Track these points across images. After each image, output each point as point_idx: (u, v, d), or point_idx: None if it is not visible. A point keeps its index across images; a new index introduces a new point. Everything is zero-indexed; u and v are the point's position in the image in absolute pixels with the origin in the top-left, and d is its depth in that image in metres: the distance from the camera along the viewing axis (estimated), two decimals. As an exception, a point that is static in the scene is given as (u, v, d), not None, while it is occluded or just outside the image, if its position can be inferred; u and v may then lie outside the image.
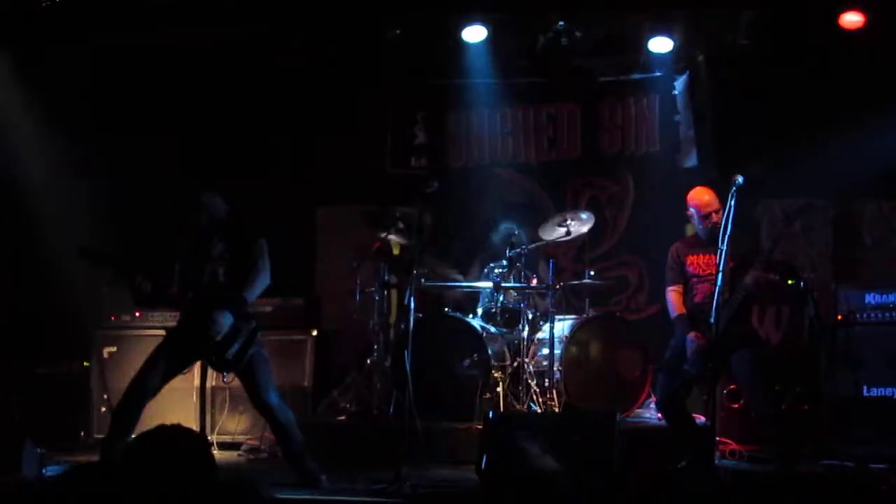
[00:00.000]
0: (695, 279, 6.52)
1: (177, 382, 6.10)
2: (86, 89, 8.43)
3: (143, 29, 8.12)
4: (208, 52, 8.58)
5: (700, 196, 6.54)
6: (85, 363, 8.22)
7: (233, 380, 5.99)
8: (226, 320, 5.73)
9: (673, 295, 6.62)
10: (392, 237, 7.94)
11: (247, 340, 5.79)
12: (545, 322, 7.74)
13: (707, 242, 6.45)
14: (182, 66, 8.58)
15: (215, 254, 5.92)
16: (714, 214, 6.41)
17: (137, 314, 8.17)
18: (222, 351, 5.76)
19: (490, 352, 7.44)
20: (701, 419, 6.98)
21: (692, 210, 6.56)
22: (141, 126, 8.54)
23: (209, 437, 7.95)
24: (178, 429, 3.45)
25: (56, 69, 8.33)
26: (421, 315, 7.47)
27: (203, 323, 5.72)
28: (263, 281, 5.89)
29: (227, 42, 8.50)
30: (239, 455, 7.58)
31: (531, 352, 7.73)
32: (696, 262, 6.54)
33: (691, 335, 6.32)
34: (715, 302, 5.70)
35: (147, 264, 5.87)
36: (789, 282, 6.61)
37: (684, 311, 6.50)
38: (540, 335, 7.80)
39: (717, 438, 6.56)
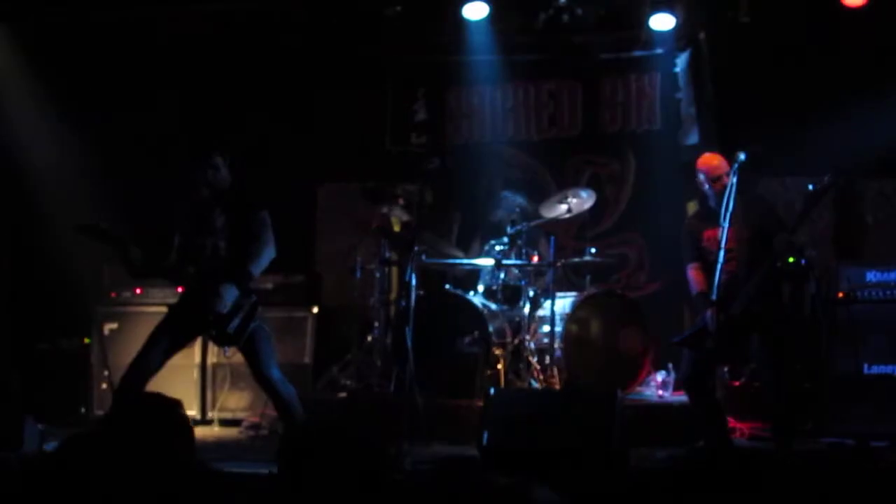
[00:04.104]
0: (714, 257, 6.01)
1: (178, 359, 6.07)
2: (86, 62, 8.40)
3: (144, 2, 8.11)
4: (209, 28, 8.53)
5: (709, 161, 6.30)
6: (86, 340, 8.22)
7: (233, 354, 5.97)
8: (230, 295, 5.70)
9: (693, 272, 6.27)
10: (393, 214, 7.91)
11: (247, 314, 5.76)
12: (546, 299, 7.74)
13: (721, 214, 6.05)
14: (183, 42, 8.54)
15: (217, 226, 5.87)
16: (725, 177, 6.11)
17: (138, 291, 8.17)
18: (224, 325, 5.74)
19: (491, 329, 7.44)
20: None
21: (701, 176, 6.28)
22: (142, 101, 8.52)
23: (210, 414, 8.02)
24: (155, 396, 3.47)
25: (54, 44, 8.30)
26: (422, 292, 7.47)
27: (206, 297, 5.70)
28: (268, 254, 5.83)
29: (229, 17, 8.46)
30: (240, 432, 7.59)
31: (532, 329, 7.74)
32: (714, 238, 6.07)
33: (710, 311, 5.95)
34: (717, 278, 5.69)
35: (144, 236, 5.83)
36: (790, 259, 6.45)
37: (705, 288, 6.09)
38: (541, 312, 7.80)
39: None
